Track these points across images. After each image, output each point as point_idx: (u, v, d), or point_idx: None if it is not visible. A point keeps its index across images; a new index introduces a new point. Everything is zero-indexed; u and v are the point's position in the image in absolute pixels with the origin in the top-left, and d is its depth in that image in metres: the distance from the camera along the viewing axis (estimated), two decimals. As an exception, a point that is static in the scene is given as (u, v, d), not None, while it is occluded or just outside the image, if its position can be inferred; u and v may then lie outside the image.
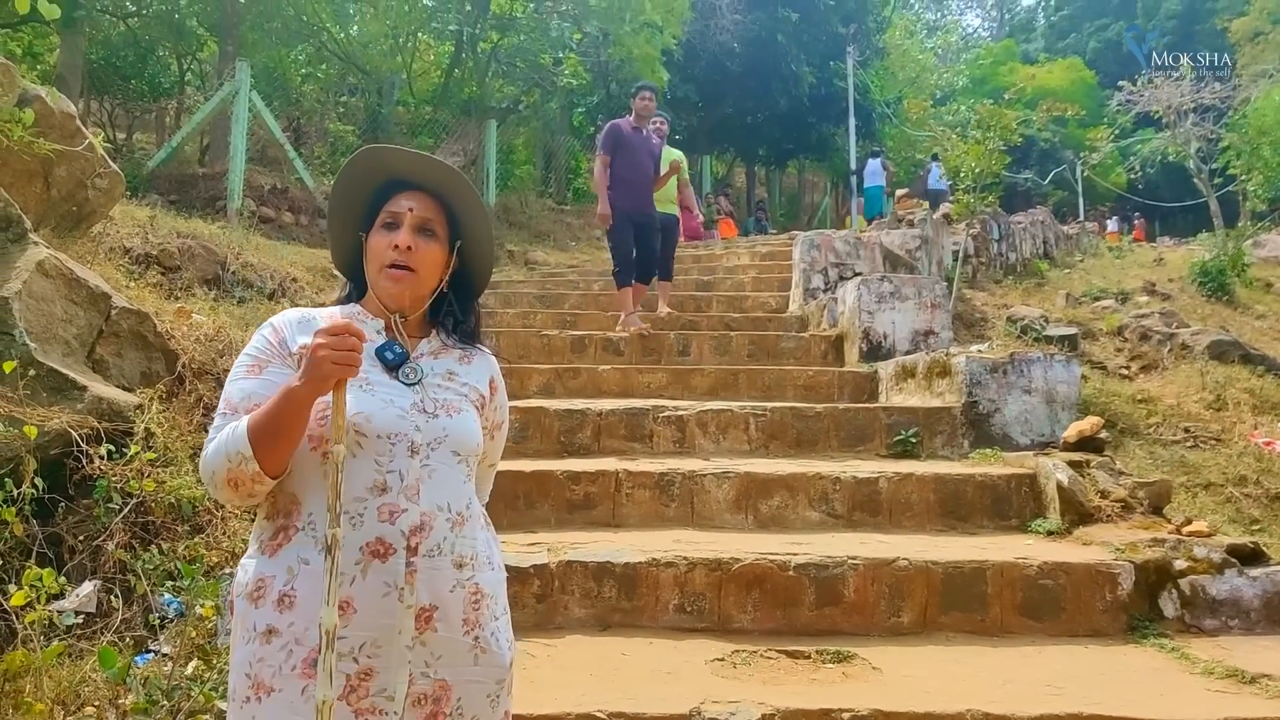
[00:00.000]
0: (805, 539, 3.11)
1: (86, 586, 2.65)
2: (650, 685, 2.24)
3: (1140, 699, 2.17)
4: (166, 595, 2.61)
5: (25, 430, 2.53)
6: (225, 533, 2.90)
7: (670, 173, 6.24)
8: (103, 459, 2.83)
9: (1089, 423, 3.77)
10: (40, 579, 2.19)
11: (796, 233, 10.06)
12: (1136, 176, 18.96)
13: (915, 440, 4.08)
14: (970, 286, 8.57)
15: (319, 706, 1.15)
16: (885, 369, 4.96)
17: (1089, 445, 3.69)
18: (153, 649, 2.47)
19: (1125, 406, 4.89)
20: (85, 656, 2.33)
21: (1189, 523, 3.07)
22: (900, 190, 15.61)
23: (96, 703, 2.19)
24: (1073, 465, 3.40)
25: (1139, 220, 24.25)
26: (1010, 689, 2.23)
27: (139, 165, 8.79)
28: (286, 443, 1.25)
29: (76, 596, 2.60)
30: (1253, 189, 13.35)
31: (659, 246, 5.83)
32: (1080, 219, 19.07)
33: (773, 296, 7.42)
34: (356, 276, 1.48)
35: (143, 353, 3.42)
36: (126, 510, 2.78)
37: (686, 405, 4.26)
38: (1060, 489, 3.28)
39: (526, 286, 8.14)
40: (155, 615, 2.54)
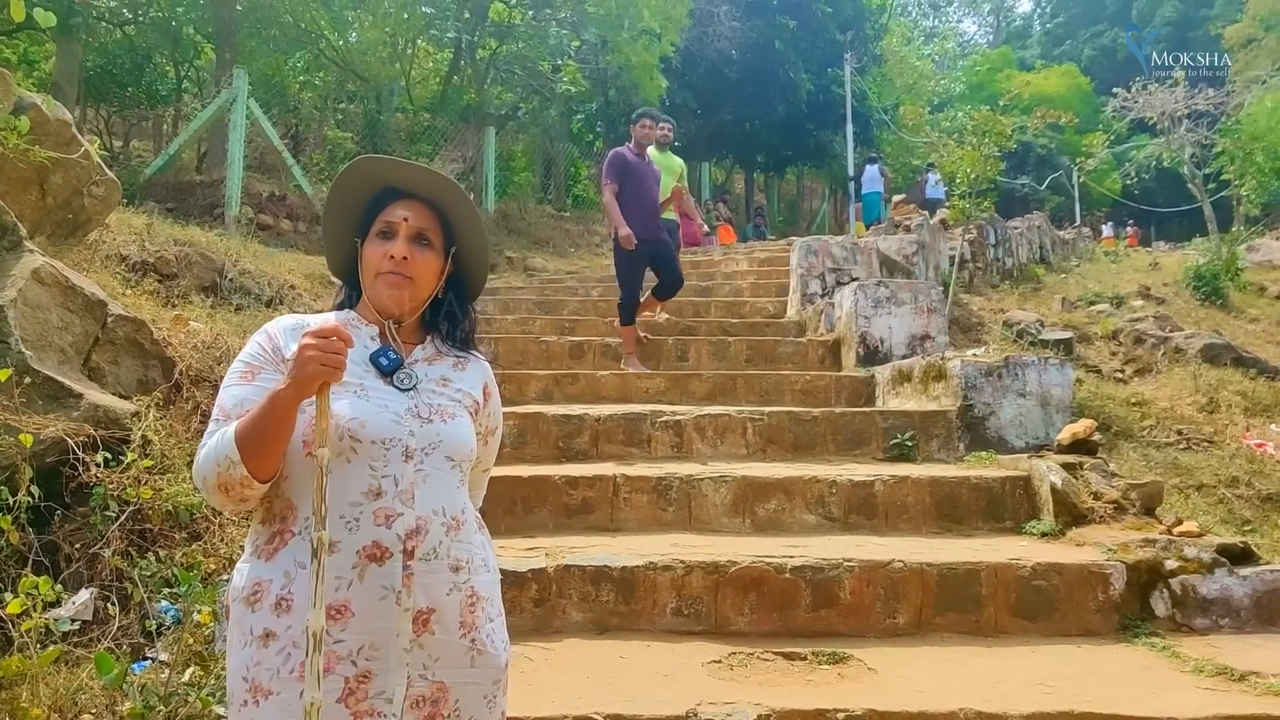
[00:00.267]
0: (802, 542, 3.12)
1: (83, 594, 2.65)
2: (647, 687, 2.25)
3: (1131, 697, 2.19)
4: (164, 602, 2.62)
5: (21, 438, 2.53)
6: (223, 539, 2.90)
7: (672, 198, 6.32)
8: (99, 467, 2.83)
9: (1082, 425, 3.79)
10: (36, 587, 2.20)
11: (794, 238, 10.10)
12: (1132, 182, 19.07)
13: (911, 444, 4.10)
14: (967, 291, 8.60)
15: (306, 708, 1.15)
16: (882, 373, 4.98)
17: (1083, 448, 3.71)
18: (150, 656, 2.47)
19: (1119, 409, 4.92)
20: (82, 664, 2.33)
21: (1180, 523, 3.09)
22: (897, 196, 15.67)
23: (94, 710, 2.19)
24: (1066, 467, 3.42)
25: (1131, 227, 24.37)
26: (1003, 688, 2.25)
27: (136, 173, 8.80)
28: (273, 447, 1.26)
29: (73, 604, 2.60)
30: (1246, 194, 13.44)
31: (677, 267, 5.79)
32: (1077, 224, 19.16)
33: (771, 302, 7.44)
34: (353, 282, 1.49)
35: (139, 360, 3.42)
36: (123, 518, 2.78)
37: (684, 410, 4.27)
38: (1054, 491, 3.30)
39: (525, 293, 8.16)
40: (152, 622, 2.54)
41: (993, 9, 46.81)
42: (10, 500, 2.48)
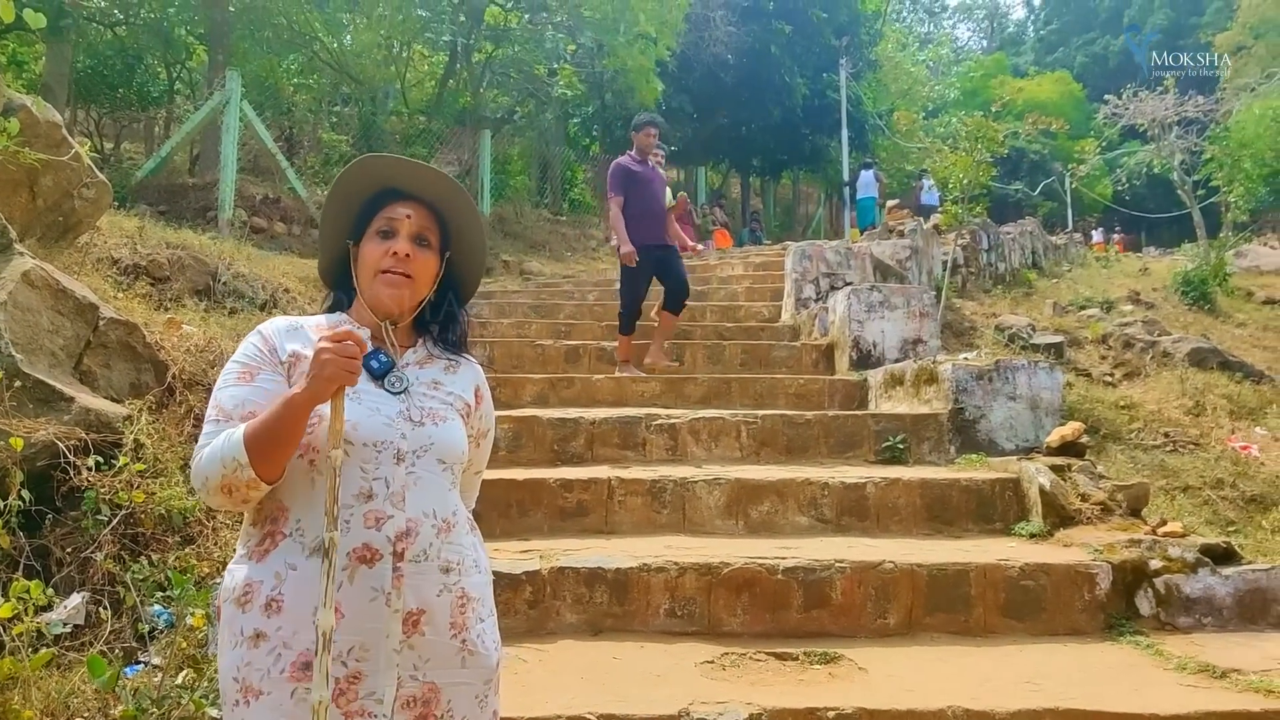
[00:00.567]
0: (794, 543, 3.14)
1: (75, 598, 2.64)
2: (640, 688, 2.26)
3: (1115, 694, 2.22)
4: (156, 606, 2.61)
5: (12, 442, 2.52)
6: (216, 543, 2.90)
7: (679, 206, 6.26)
8: (91, 470, 2.82)
9: (1071, 428, 3.83)
10: (28, 591, 2.19)
11: (790, 243, 10.14)
12: (1123, 188, 19.19)
13: (903, 446, 4.13)
14: (960, 296, 8.65)
15: (314, 707, 1.16)
16: (874, 377, 5.01)
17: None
18: (142, 660, 2.47)
19: (1108, 412, 4.96)
20: (74, 668, 2.32)
21: (1164, 524, 3.12)
22: (891, 201, 15.75)
23: (86, 713, 2.19)
24: (1055, 470, 3.45)
25: (1119, 233, 24.60)
26: (991, 686, 2.27)
27: (127, 175, 8.75)
28: (284, 450, 1.27)
29: (65, 608, 2.59)
30: (1234, 200, 13.56)
31: (683, 273, 5.67)
32: (1069, 229, 19.29)
33: (765, 306, 7.47)
34: (340, 287, 1.49)
35: (132, 364, 3.41)
36: (115, 522, 2.77)
37: (679, 413, 4.29)
38: (1042, 493, 3.33)
39: (521, 297, 8.17)
40: (145, 626, 2.54)
41: (987, 16, 47.14)
42: (1, 504, 2.47)
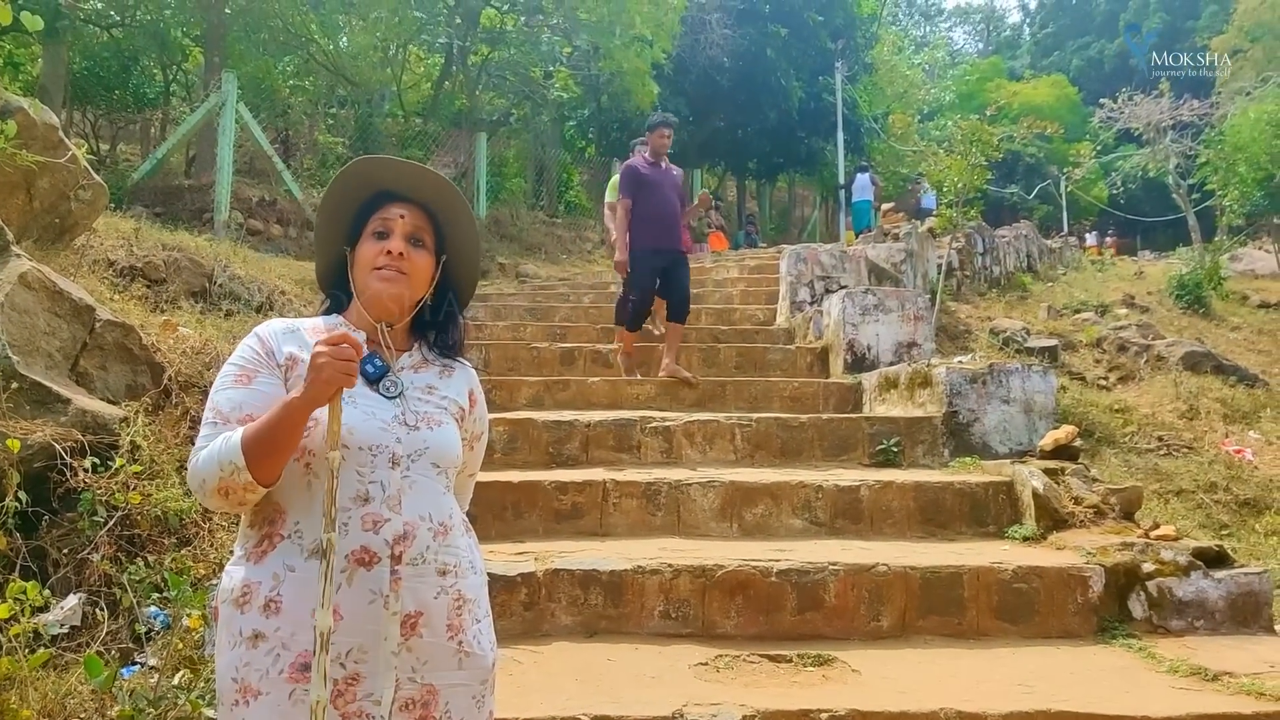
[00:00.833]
0: (788, 546, 3.15)
1: (71, 599, 2.64)
2: (634, 689, 2.27)
3: (1106, 696, 2.23)
4: (153, 608, 2.61)
5: (8, 443, 2.53)
6: (212, 544, 2.90)
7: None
8: (87, 472, 2.82)
9: (1064, 431, 3.85)
10: (24, 592, 2.20)
11: (785, 246, 10.17)
12: (1119, 191, 19.28)
13: (897, 449, 4.15)
14: (955, 299, 8.69)
15: (313, 707, 1.18)
16: (869, 380, 5.03)
17: (1064, 453, 3.77)
18: (139, 661, 2.47)
19: (1102, 416, 4.99)
20: (71, 669, 2.33)
21: (1157, 527, 3.14)
22: (886, 204, 15.80)
23: (83, 714, 2.19)
24: (1048, 473, 3.47)
25: (1111, 235, 24.72)
26: (984, 689, 2.29)
27: (123, 177, 8.74)
28: (283, 454, 1.28)
29: (62, 609, 2.59)
30: (1229, 204, 13.61)
31: (687, 286, 5.55)
32: (1064, 233, 19.36)
33: (760, 309, 7.49)
34: (339, 287, 1.49)
35: (128, 365, 3.42)
36: (112, 523, 2.77)
37: (674, 416, 4.31)
38: (1035, 496, 3.35)
39: (517, 299, 8.17)
40: (141, 627, 2.54)
41: (983, 19, 47.31)
42: (-2, 505, 2.48)
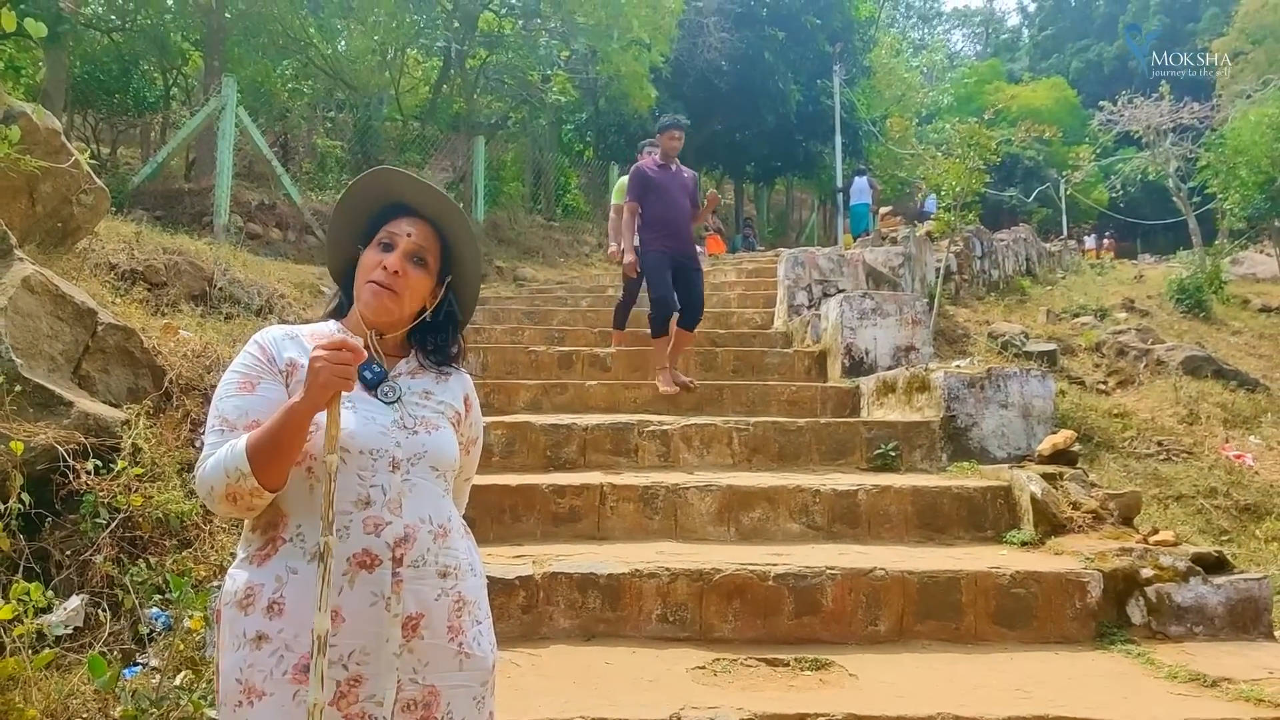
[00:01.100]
0: (786, 550, 3.16)
1: (74, 601, 2.66)
2: (632, 692, 2.28)
3: (1104, 702, 2.24)
4: (155, 609, 2.63)
5: (11, 446, 2.55)
6: (213, 546, 2.92)
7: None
8: (90, 474, 2.84)
9: (1062, 436, 3.86)
10: (28, 593, 2.21)
11: (783, 250, 10.19)
12: (1118, 195, 19.29)
13: (895, 454, 4.16)
14: (953, 303, 8.70)
15: (310, 709, 1.19)
16: (867, 384, 5.04)
17: (1063, 458, 3.77)
18: (141, 662, 2.49)
19: (1101, 420, 5.00)
20: (74, 669, 2.34)
21: (1156, 532, 3.15)
22: (885, 208, 15.83)
23: (86, 714, 2.21)
24: (1047, 478, 3.48)
25: (1109, 238, 24.78)
26: (981, 694, 2.30)
27: (124, 181, 8.75)
28: (287, 459, 1.30)
29: (64, 610, 2.61)
30: (1230, 207, 13.61)
31: (700, 291, 5.37)
32: (1063, 236, 19.39)
33: (758, 313, 7.50)
34: (349, 291, 1.52)
35: (129, 369, 3.44)
36: (114, 525, 2.79)
37: (671, 420, 4.32)
38: (1034, 501, 3.36)
39: (515, 303, 8.20)
40: (144, 628, 2.56)
41: (982, 21, 47.41)
42: (1, 507, 2.49)
